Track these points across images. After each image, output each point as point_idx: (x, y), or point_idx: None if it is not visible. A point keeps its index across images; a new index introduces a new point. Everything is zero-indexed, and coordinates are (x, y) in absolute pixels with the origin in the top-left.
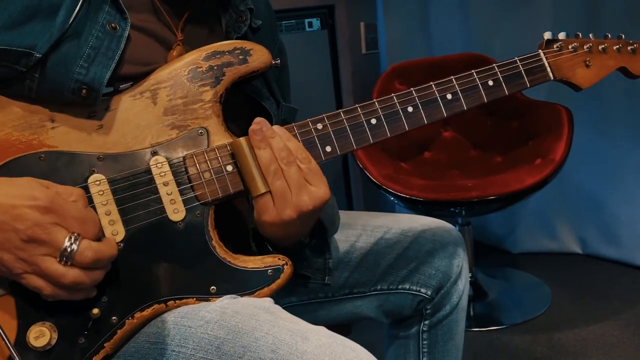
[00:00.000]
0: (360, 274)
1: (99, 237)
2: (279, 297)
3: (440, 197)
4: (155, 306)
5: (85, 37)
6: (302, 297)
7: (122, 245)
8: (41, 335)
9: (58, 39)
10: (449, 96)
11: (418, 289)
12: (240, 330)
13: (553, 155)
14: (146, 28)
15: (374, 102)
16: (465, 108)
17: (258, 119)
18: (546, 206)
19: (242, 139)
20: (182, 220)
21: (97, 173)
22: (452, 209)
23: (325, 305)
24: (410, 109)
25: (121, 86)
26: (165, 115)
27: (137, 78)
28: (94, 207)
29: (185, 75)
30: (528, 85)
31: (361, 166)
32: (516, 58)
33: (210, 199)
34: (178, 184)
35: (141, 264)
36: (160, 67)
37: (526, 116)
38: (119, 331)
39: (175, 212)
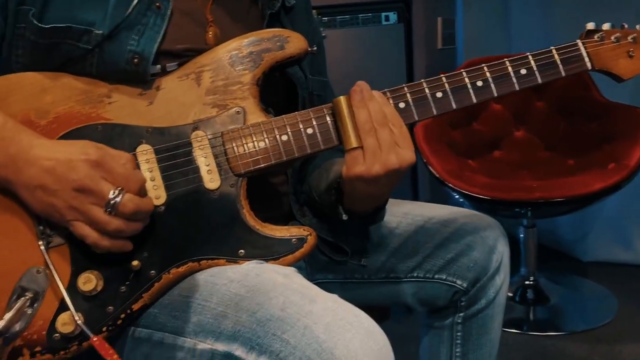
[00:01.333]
0: (397, 260)
1: (141, 193)
2: (315, 272)
3: (502, 196)
4: (190, 264)
5: (135, 15)
6: (339, 275)
7: (163, 208)
8: (88, 281)
9: (119, 25)
10: (479, 83)
11: (454, 280)
12: (258, 289)
13: (627, 161)
14: (182, 9)
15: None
16: (495, 95)
17: (360, 83)
18: (622, 214)
19: (342, 98)
20: (216, 189)
21: (145, 144)
22: (517, 210)
23: (361, 286)
24: (439, 94)
25: (168, 65)
26: (207, 95)
27: (179, 55)
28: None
29: (227, 59)
30: (563, 74)
31: (425, 160)
32: (552, 47)
33: (242, 171)
34: (215, 157)
35: (179, 226)
36: (206, 51)
37: (602, 119)
38: (156, 284)
39: (211, 181)
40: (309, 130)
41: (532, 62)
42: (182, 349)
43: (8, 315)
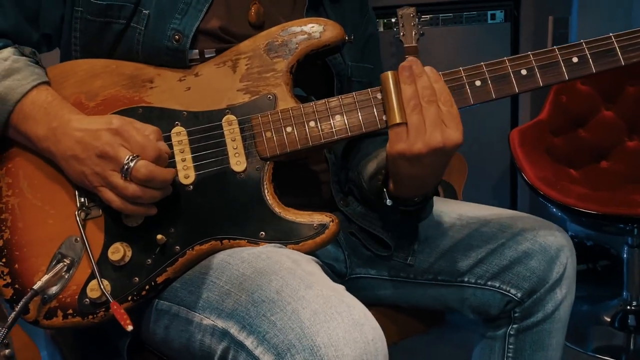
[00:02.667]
0: (447, 262)
1: (159, 162)
2: (356, 266)
3: (602, 210)
4: (213, 242)
5: None
6: (382, 271)
7: (191, 187)
8: (117, 251)
9: (164, 3)
10: (523, 72)
11: (507, 288)
12: (262, 271)
13: None
14: None
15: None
16: (541, 84)
17: (411, 58)
18: None
19: (388, 72)
20: (242, 172)
21: (180, 126)
22: (621, 226)
23: (405, 286)
24: (478, 82)
25: (206, 51)
26: (241, 82)
27: (219, 37)
28: (172, 153)
29: (263, 47)
30: (622, 63)
31: (518, 165)
32: (611, 34)
33: (268, 155)
34: (243, 139)
35: (205, 205)
36: (242, 35)
37: None
38: (180, 259)
39: (238, 163)
40: (337, 117)
41: (587, 50)
42: (192, 323)
43: (45, 277)
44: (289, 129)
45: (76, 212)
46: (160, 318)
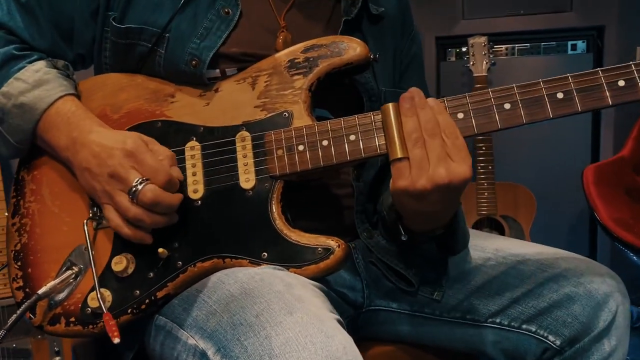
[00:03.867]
0: (477, 300)
1: (169, 187)
2: (375, 298)
3: None
4: (215, 260)
5: (201, 19)
6: (405, 306)
7: (199, 202)
8: (119, 262)
9: (183, 28)
10: (559, 95)
11: (545, 334)
12: (250, 293)
13: None
14: (252, 14)
15: (465, 95)
16: (580, 110)
17: (413, 89)
18: None
19: (390, 105)
20: (251, 189)
21: (194, 140)
22: None
23: (430, 323)
24: (507, 105)
25: (227, 70)
26: (259, 98)
27: (240, 60)
28: (184, 167)
29: (284, 64)
30: None
31: (590, 204)
32: None
33: (278, 173)
34: (255, 156)
35: (211, 221)
36: (266, 57)
37: None
38: (181, 275)
39: (247, 180)
40: (352, 137)
41: (636, 73)
42: (180, 341)
43: (50, 284)
44: (300, 148)
45: (85, 221)
46: (158, 333)
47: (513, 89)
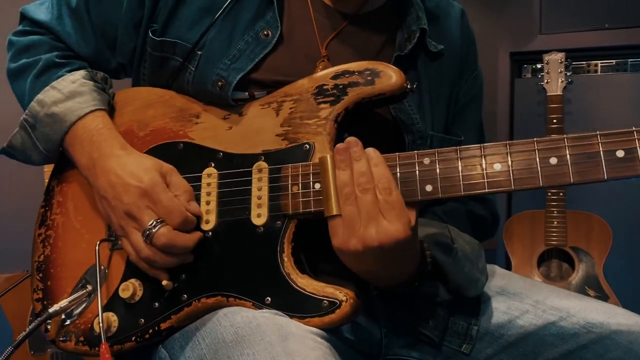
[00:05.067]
0: (509, 357)
1: (184, 227)
2: (395, 346)
3: None
4: (219, 298)
5: (236, 40)
6: (427, 356)
7: (210, 234)
8: (126, 289)
9: (203, 33)
10: (619, 153)
11: None
12: (240, 341)
13: None
14: (293, 39)
15: (506, 144)
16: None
17: (350, 139)
18: None
19: (327, 156)
20: (262, 225)
21: (213, 167)
22: None
23: None
24: (553, 160)
25: (256, 94)
26: (282, 126)
27: (271, 85)
28: (199, 195)
29: (312, 90)
30: None
31: None
32: None
33: (291, 211)
34: (270, 190)
35: (220, 256)
36: (295, 80)
37: None
38: (186, 308)
39: (259, 216)
40: (317, 186)
41: None
42: None
43: (63, 302)
44: (317, 186)
45: (98, 242)
46: None
47: (563, 140)
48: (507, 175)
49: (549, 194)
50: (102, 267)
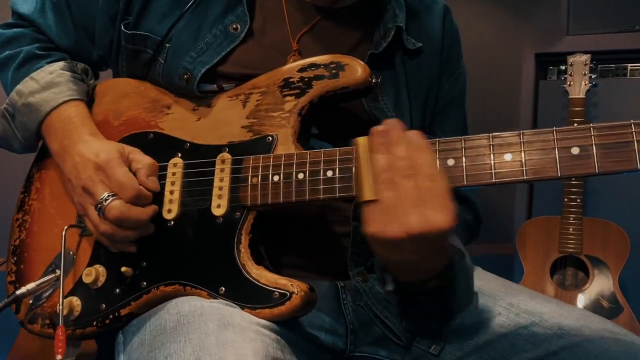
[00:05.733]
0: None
1: (137, 202)
2: (362, 344)
3: None
4: (177, 286)
5: (204, 33)
6: (395, 356)
7: (172, 222)
8: (90, 274)
9: (171, 26)
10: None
11: None
12: (179, 330)
13: None
14: (263, 33)
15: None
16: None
17: (389, 121)
18: None
19: (362, 138)
20: (221, 216)
21: (179, 157)
22: None
23: None
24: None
25: (224, 86)
26: (247, 118)
27: (239, 79)
28: (164, 184)
29: (279, 83)
30: None
31: None
32: None
33: (249, 203)
34: (231, 181)
35: (180, 245)
36: (264, 73)
37: None
38: (144, 295)
39: (219, 206)
40: (329, 173)
41: None
42: None
43: (30, 285)
44: (275, 178)
45: (65, 227)
46: (118, 353)
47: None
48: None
49: (566, 199)
50: (71, 253)
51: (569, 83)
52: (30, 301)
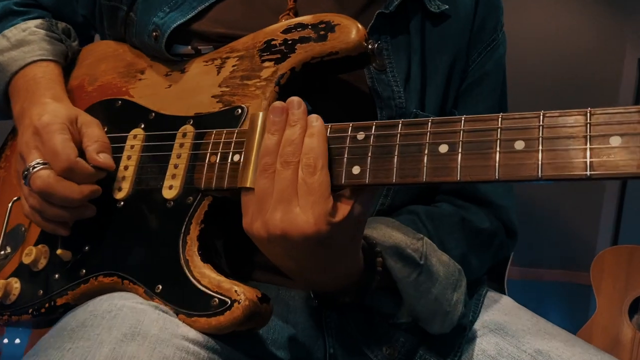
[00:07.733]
0: None
1: (71, 176)
2: (349, 356)
3: None
4: (116, 278)
5: None
6: None
7: (121, 203)
8: (30, 253)
9: None
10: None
11: None
12: (77, 332)
13: None
14: None
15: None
16: None
17: (293, 98)
18: None
19: (260, 114)
20: (172, 199)
21: (141, 128)
22: None
23: None
24: (520, 144)
25: (201, 48)
26: (219, 87)
27: (217, 40)
28: (119, 158)
29: (260, 46)
30: None
31: None
32: None
33: (203, 186)
34: (190, 159)
35: (126, 230)
36: (248, 34)
37: None
38: (82, 285)
39: (170, 188)
40: (236, 157)
41: None
42: None
43: None
44: (236, 158)
45: (14, 199)
46: None
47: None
48: (454, 159)
49: None
50: (23, 229)
51: None
52: None
